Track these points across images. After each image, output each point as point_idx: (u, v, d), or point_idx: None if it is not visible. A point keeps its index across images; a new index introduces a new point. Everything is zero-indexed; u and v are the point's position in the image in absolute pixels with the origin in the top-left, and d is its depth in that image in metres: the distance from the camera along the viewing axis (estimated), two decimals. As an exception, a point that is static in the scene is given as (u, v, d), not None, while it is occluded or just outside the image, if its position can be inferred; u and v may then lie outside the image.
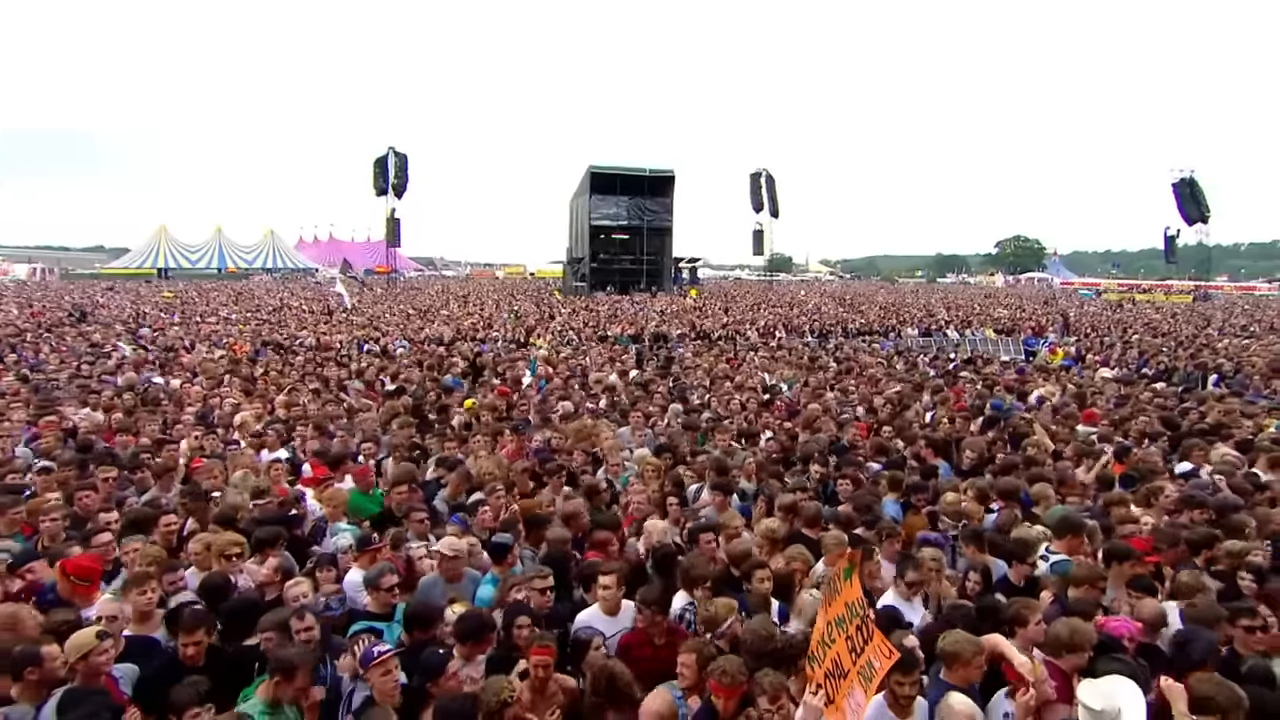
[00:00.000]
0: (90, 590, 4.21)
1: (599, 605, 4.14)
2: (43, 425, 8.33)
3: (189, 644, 3.68)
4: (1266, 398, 12.63)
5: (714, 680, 3.09)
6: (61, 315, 25.60)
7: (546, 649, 3.40)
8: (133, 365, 13.69)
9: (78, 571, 4.16)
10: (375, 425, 8.24)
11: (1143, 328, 24.35)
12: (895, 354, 16.84)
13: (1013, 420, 8.82)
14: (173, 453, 6.95)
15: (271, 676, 3.39)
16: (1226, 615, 3.81)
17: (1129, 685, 2.99)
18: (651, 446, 7.75)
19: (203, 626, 3.78)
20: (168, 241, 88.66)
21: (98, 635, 3.47)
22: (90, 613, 4.10)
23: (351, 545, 5.03)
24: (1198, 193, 43.87)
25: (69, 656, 3.42)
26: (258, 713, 3.32)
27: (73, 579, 4.15)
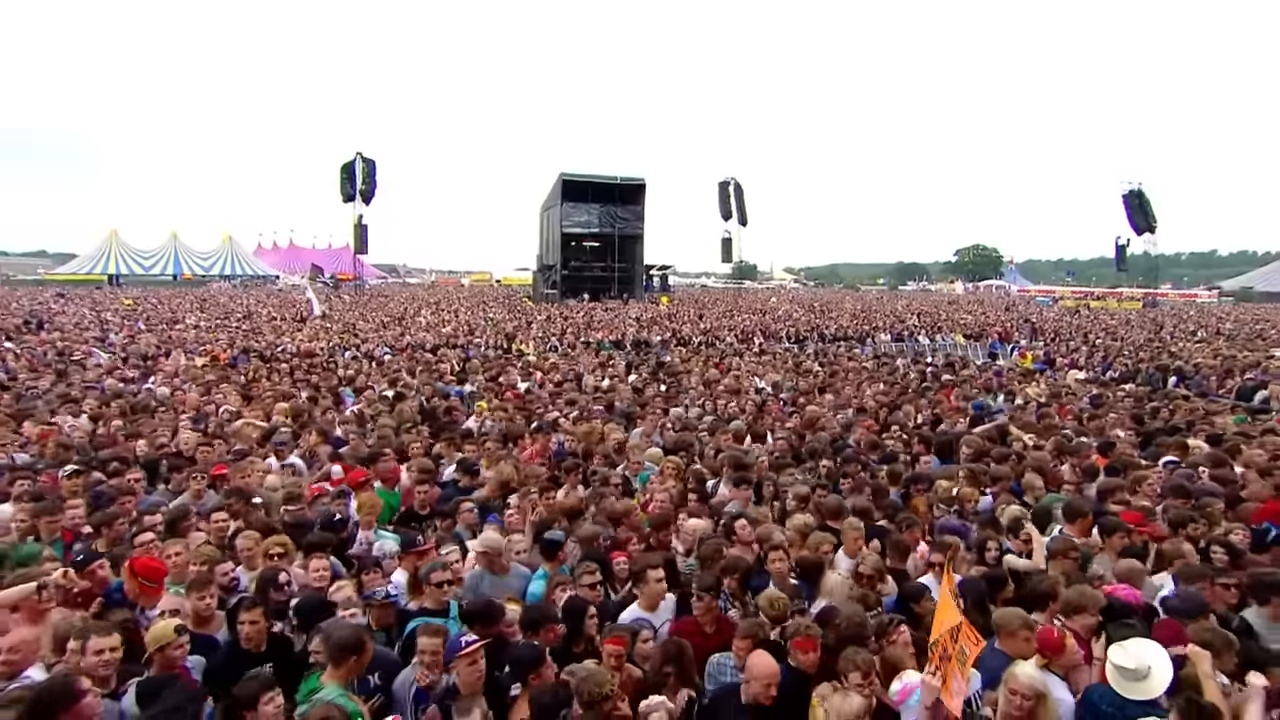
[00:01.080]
0: (157, 591, 4.25)
1: (640, 601, 4.31)
2: (41, 434, 8.17)
3: (247, 621, 3.78)
4: (1222, 397, 13.45)
5: (796, 638, 3.33)
6: (17, 323, 24.70)
7: (620, 638, 3.58)
8: (107, 372, 13.42)
9: (146, 572, 4.21)
10: (391, 429, 8.28)
11: (1102, 332, 25.44)
12: (875, 358, 17.36)
13: (1000, 420, 9.29)
14: (206, 453, 6.95)
15: (335, 658, 3.49)
16: (1211, 574, 4.42)
17: (1155, 647, 3.33)
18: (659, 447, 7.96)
19: (260, 607, 3.90)
20: (119, 246, 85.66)
21: (175, 630, 3.54)
22: (155, 612, 4.16)
23: (396, 550, 5.14)
24: (1145, 204, 45.98)
25: (148, 647, 3.50)
26: (335, 695, 3.41)
27: (141, 579, 4.18)
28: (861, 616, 3.77)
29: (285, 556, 4.74)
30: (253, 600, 3.95)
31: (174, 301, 40.14)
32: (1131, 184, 46.18)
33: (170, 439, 8.03)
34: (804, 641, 3.44)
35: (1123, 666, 3.28)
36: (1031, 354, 19.21)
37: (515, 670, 3.37)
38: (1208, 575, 4.40)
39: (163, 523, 5.12)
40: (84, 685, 3.03)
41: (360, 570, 4.77)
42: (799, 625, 3.52)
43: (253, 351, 17.71)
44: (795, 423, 9.13)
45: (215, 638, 4.12)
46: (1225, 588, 4.37)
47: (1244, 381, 14.48)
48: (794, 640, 3.46)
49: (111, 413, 9.58)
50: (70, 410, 9.49)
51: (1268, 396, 13.01)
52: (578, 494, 6.03)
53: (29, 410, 9.57)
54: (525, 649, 3.47)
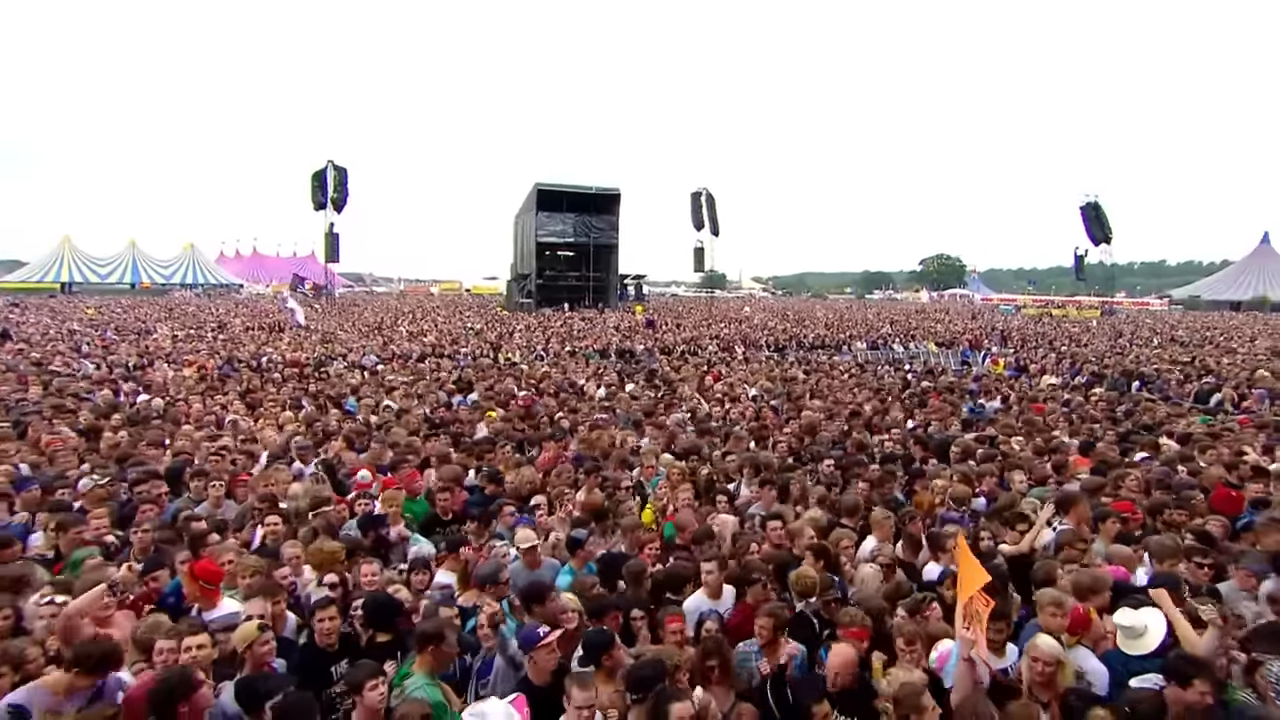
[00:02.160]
0: (215, 594, 4.41)
1: (703, 591, 4.61)
2: (49, 442, 8.16)
3: (325, 619, 4.00)
4: (1182, 400, 14.30)
5: (851, 627, 3.68)
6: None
7: (679, 617, 3.89)
8: (97, 384, 13.25)
9: (205, 575, 4.37)
10: (405, 438, 8.44)
11: (1067, 340, 26.52)
12: (857, 366, 17.95)
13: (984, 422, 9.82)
14: (218, 463, 7.03)
15: (422, 648, 3.74)
16: (1182, 549, 4.95)
17: (1153, 610, 3.89)
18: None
19: (334, 606, 4.13)
20: (72, 254, 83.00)
21: (259, 628, 3.74)
22: (213, 615, 4.32)
23: (432, 553, 5.37)
24: (1102, 216, 47.88)
25: (237, 646, 3.69)
26: (423, 685, 3.64)
27: (201, 583, 4.34)
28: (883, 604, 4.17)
29: (344, 563, 4.92)
30: (327, 600, 4.14)
31: (138, 310, 39.26)
32: (1089, 196, 48.07)
33: (191, 450, 8.04)
34: (859, 631, 3.80)
35: (1124, 626, 3.83)
36: (1003, 360, 20.00)
37: (590, 653, 3.66)
38: (1179, 551, 4.92)
39: (211, 530, 5.25)
40: (200, 677, 3.22)
41: (410, 570, 4.99)
42: (854, 615, 3.87)
43: (238, 362, 17.57)
44: (794, 427, 9.52)
45: (289, 638, 4.31)
46: (1199, 566, 4.85)
47: (1201, 385, 15.40)
48: (848, 630, 3.81)
49: (111, 424, 9.55)
50: (68, 422, 9.44)
51: (1222, 399, 13.89)
52: (598, 495, 6.30)
53: (24, 422, 9.50)
54: (597, 634, 3.74)
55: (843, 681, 3.39)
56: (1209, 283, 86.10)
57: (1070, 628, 3.82)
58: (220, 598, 4.44)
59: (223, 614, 4.29)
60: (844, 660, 3.44)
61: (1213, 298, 77.38)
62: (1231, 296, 75.04)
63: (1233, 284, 79.65)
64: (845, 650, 3.51)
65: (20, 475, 6.84)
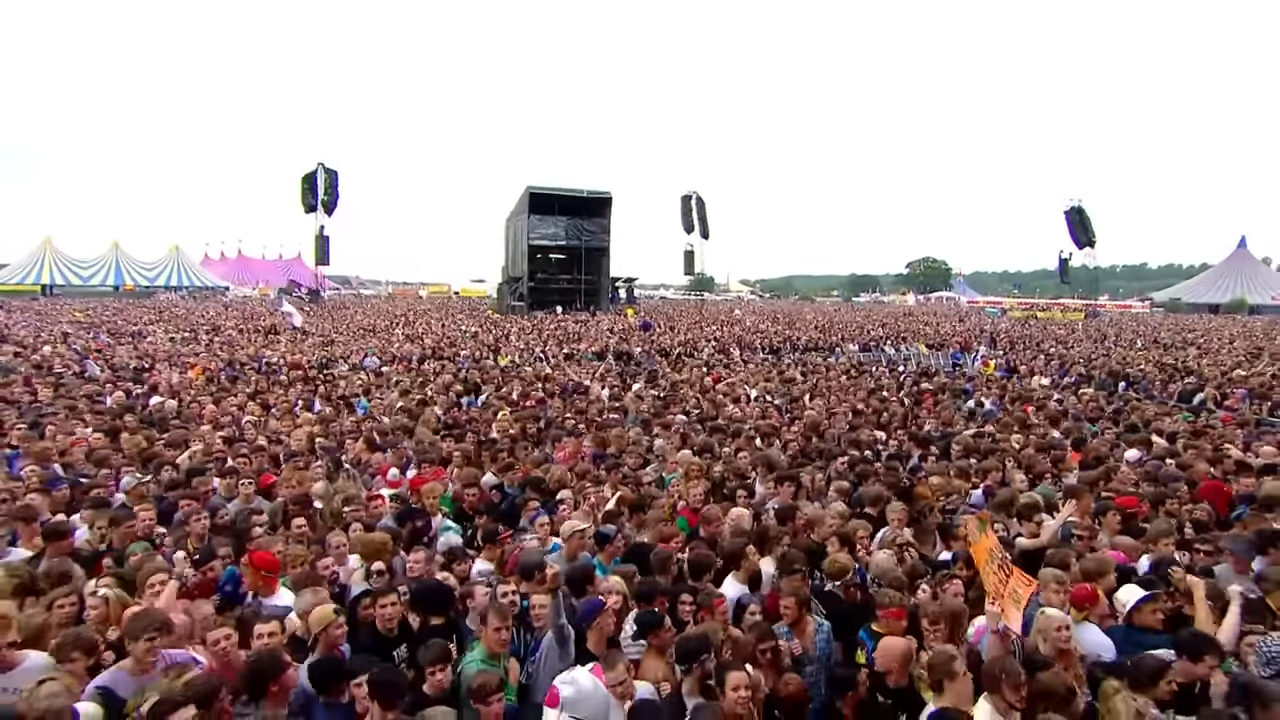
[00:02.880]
0: (273, 582, 4.64)
1: (737, 576, 4.92)
2: (74, 442, 8.32)
3: (388, 604, 4.24)
4: (1166, 400, 14.80)
5: (891, 608, 4.00)
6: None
7: (722, 599, 4.17)
8: (104, 385, 13.34)
9: (264, 564, 4.60)
10: (430, 436, 8.69)
11: (1054, 342, 27.10)
12: (852, 367, 18.33)
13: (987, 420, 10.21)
14: (245, 463, 7.23)
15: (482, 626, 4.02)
16: (1184, 538, 5.44)
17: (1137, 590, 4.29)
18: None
19: (395, 593, 4.36)
20: (53, 255, 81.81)
21: (334, 612, 3.98)
22: (271, 602, 4.55)
23: (459, 542, 5.63)
24: (1086, 220, 48.72)
25: (312, 628, 3.92)
26: (480, 660, 3.92)
27: (262, 571, 4.57)
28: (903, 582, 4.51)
29: (386, 550, 5.16)
30: (389, 587, 4.38)
31: (127, 313, 38.98)
32: (1072, 201, 48.94)
33: (223, 450, 8.23)
34: (898, 611, 4.12)
35: (1124, 602, 4.28)
36: (993, 362, 20.46)
37: (641, 629, 3.94)
38: (1172, 532, 5.41)
39: (266, 523, 5.48)
40: (287, 658, 3.46)
41: (450, 560, 5.23)
42: (894, 597, 4.19)
43: (239, 364, 17.66)
44: (800, 426, 9.84)
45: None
46: (1199, 551, 5.29)
47: (1184, 385, 15.91)
48: (888, 611, 4.12)
49: (129, 425, 9.69)
50: (90, 423, 9.58)
51: (1204, 399, 14.38)
52: (629, 491, 6.57)
53: (40, 423, 9.63)
54: (649, 614, 4.03)
55: (899, 678, 3.70)
56: (1189, 286, 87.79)
57: (1076, 602, 4.15)
58: (278, 586, 4.66)
59: (282, 602, 4.52)
60: (896, 653, 3.75)
61: (1193, 300, 78.94)
62: (1210, 299, 76.56)
63: (1212, 287, 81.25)
64: (895, 644, 3.80)
65: (54, 475, 6.99)
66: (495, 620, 3.94)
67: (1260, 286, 77.29)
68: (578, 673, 3.24)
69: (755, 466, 7.42)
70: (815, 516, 5.78)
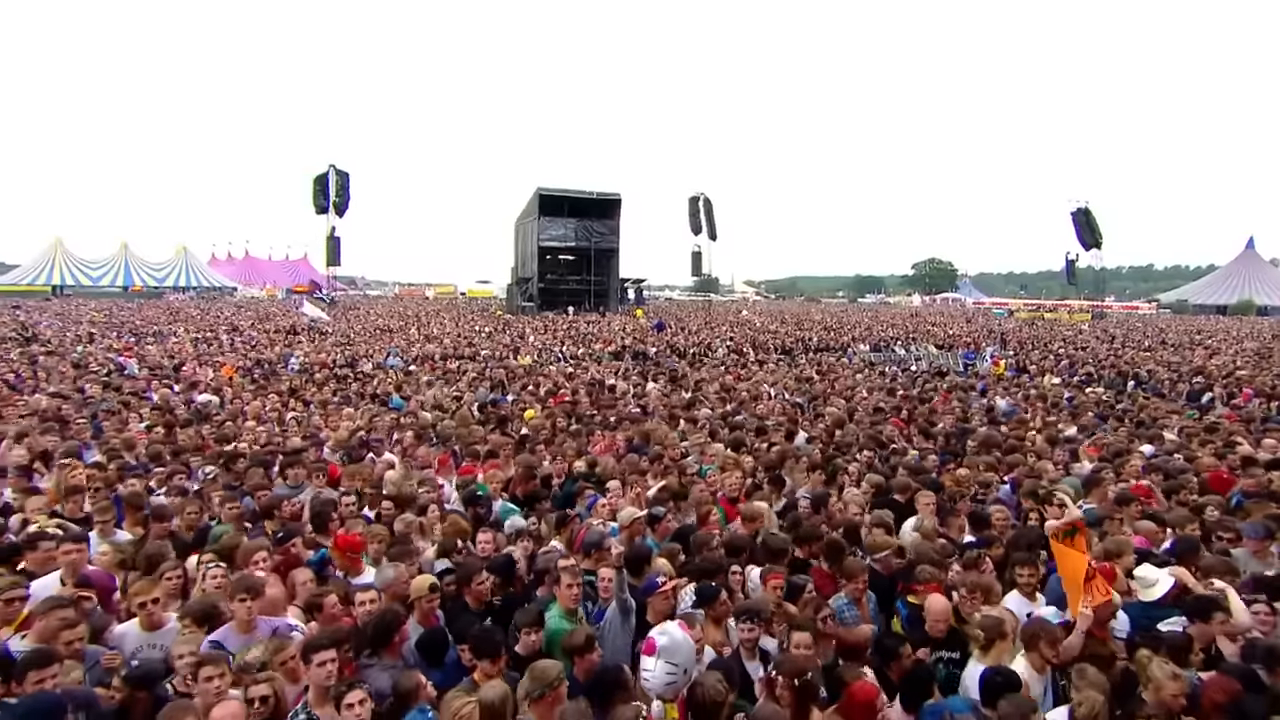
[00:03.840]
0: (359, 561, 5.07)
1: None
2: (138, 435, 8.79)
3: (482, 583, 4.65)
4: (1175, 399, 15.16)
5: (930, 582, 4.44)
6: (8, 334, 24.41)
7: (780, 574, 4.60)
8: (148, 382, 13.84)
9: (349, 545, 5.05)
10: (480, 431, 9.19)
11: (1062, 343, 27.44)
12: (866, 366, 18.74)
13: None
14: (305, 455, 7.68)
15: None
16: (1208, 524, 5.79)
17: (1160, 571, 4.65)
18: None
19: (484, 570, 4.79)
20: (64, 256, 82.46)
21: (430, 586, 4.40)
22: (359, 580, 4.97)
23: (524, 525, 6.07)
24: (1092, 221, 49.00)
25: (413, 595, 4.35)
26: (558, 616, 4.39)
27: (346, 553, 5.02)
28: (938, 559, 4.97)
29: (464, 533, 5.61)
30: (481, 565, 4.82)
31: (142, 314, 39.56)
32: (1079, 202, 49.22)
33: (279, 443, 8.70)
34: (935, 585, 4.55)
35: (1140, 576, 4.64)
36: (1004, 362, 20.83)
37: (700, 601, 4.36)
38: (1192, 520, 5.78)
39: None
40: (404, 615, 3.90)
41: (517, 539, 5.67)
42: (931, 573, 4.62)
43: (266, 364, 18.15)
44: (825, 422, 10.26)
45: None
46: (1221, 538, 5.65)
47: (1192, 385, 16.26)
48: (927, 585, 4.54)
49: (179, 420, 10.15)
50: (151, 418, 10.06)
51: (1213, 397, 14.74)
52: (675, 479, 7.03)
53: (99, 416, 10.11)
54: (705, 587, 4.45)
55: (941, 628, 4.17)
56: (1196, 287, 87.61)
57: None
58: (363, 565, 5.10)
59: (368, 579, 4.95)
60: (941, 609, 4.21)
61: (1200, 301, 78.85)
62: (1218, 300, 76.41)
63: (1219, 288, 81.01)
64: (940, 600, 4.27)
65: (130, 465, 7.44)
66: (567, 578, 4.43)
67: (1268, 287, 77.04)
68: (668, 625, 3.63)
69: (785, 459, 7.81)
70: (847, 499, 6.21)
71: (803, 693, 3.31)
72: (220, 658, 3.54)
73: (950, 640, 4.27)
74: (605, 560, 4.90)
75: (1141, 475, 7.42)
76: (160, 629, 4.28)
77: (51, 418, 9.62)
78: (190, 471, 7.34)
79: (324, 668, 3.51)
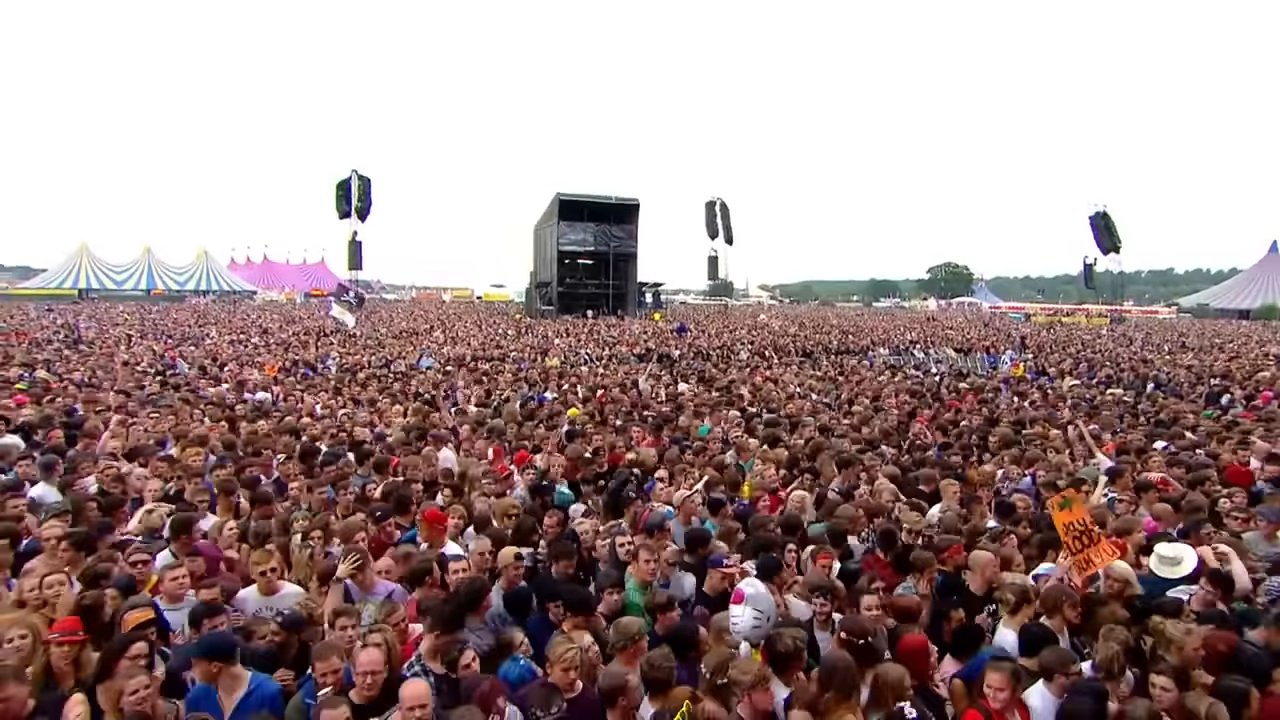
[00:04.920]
0: (443, 534, 5.63)
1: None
2: (212, 429, 9.43)
3: (564, 563, 5.19)
4: (1194, 400, 15.43)
5: (951, 546, 4.98)
6: (52, 336, 25.33)
7: (829, 554, 5.10)
8: (196, 381, 14.54)
9: (435, 520, 5.62)
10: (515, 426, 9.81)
11: (1081, 346, 27.66)
12: (888, 369, 19.15)
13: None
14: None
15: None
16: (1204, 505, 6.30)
17: (1186, 546, 5.04)
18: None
19: (571, 547, 5.35)
20: (90, 260, 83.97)
21: (515, 556, 4.93)
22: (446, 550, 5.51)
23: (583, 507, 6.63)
24: (1110, 225, 48.93)
25: (500, 565, 4.89)
26: (634, 588, 4.91)
27: (435, 526, 5.59)
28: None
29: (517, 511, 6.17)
30: (567, 546, 5.35)
31: (169, 316, 40.60)
32: (1097, 206, 49.15)
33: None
34: (956, 547, 5.10)
35: (1164, 555, 5.02)
36: (1023, 364, 21.14)
37: (763, 573, 4.85)
38: (1204, 506, 6.27)
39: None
40: (488, 583, 4.45)
41: (585, 518, 6.22)
42: (949, 538, 5.20)
43: (304, 364, 18.84)
44: (853, 420, 10.75)
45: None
46: (1237, 519, 6.12)
47: (1211, 388, 16.51)
48: (950, 549, 5.09)
49: (240, 415, 10.80)
50: (211, 414, 10.72)
51: (1232, 399, 15.00)
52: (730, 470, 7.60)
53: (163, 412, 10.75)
54: (769, 559, 4.94)
55: (990, 574, 4.76)
56: (1218, 291, 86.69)
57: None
58: (447, 538, 5.64)
59: (451, 551, 5.49)
60: (988, 562, 4.77)
61: (1221, 306, 78.00)
62: (1240, 305, 75.49)
63: (1242, 292, 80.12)
64: (986, 555, 4.82)
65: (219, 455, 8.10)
66: (645, 554, 4.97)
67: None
68: (753, 579, 4.14)
69: (819, 452, 8.29)
70: (877, 488, 6.75)
71: (865, 651, 3.78)
72: (353, 610, 4.11)
73: (984, 602, 4.76)
74: (665, 540, 5.45)
75: (1164, 469, 7.85)
76: (275, 594, 4.85)
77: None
78: (270, 462, 7.93)
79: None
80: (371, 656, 3.62)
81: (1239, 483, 7.18)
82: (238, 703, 3.61)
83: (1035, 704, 3.59)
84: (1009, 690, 3.50)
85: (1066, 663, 3.63)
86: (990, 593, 4.77)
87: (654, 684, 3.60)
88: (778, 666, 3.66)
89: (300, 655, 4.13)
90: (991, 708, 3.50)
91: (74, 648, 3.85)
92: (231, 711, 3.58)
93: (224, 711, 3.58)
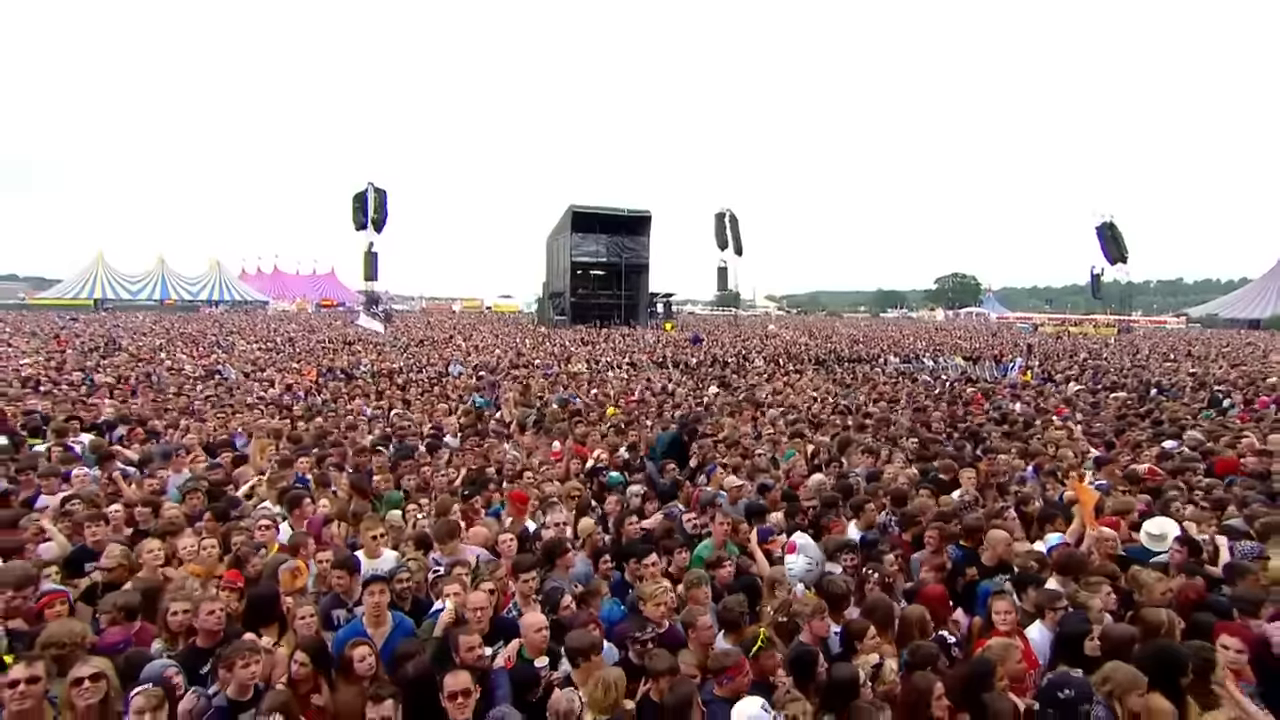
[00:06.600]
0: (525, 511, 6.42)
1: (859, 524, 6.60)
2: (280, 425, 10.25)
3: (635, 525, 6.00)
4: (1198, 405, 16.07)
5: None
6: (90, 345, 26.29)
7: (840, 523, 5.88)
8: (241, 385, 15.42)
9: (518, 499, 6.42)
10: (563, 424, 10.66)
11: (1087, 355, 28.32)
12: (901, 375, 19.91)
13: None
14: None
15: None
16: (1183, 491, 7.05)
17: (1171, 522, 5.79)
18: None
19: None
20: (105, 271, 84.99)
21: (596, 522, 5.72)
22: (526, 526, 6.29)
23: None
24: (1118, 235, 49.19)
25: (583, 535, 5.68)
26: (708, 545, 5.67)
27: (517, 504, 6.38)
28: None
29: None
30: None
31: (191, 326, 41.69)
32: (1104, 216, 49.41)
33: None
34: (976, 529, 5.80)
35: (1150, 533, 5.77)
36: (1030, 372, 21.84)
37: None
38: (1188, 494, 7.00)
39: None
40: (568, 545, 5.27)
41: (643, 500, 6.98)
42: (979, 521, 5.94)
43: (339, 371, 19.70)
44: (870, 420, 11.53)
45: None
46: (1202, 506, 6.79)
47: (1213, 393, 17.15)
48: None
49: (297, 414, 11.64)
50: (270, 414, 11.57)
51: (1232, 403, 15.64)
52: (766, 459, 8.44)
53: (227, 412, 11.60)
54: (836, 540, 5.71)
55: (1002, 550, 5.44)
56: (1227, 300, 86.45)
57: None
58: (527, 515, 6.43)
59: (533, 526, 6.27)
60: (1002, 539, 5.50)
61: (1231, 315, 77.79)
62: (1250, 314, 75.28)
63: (1252, 301, 79.77)
64: (1000, 533, 5.56)
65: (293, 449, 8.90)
66: (720, 517, 5.74)
67: (1303, 302, 75.76)
68: (800, 534, 4.93)
69: (846, 446, 9.06)
70: (896, 473, 7.56)
71: (888, 589, 4.55)
72: (464, 563, 4.91)
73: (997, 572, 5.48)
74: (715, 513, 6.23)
75: (1156, 462, 8.57)
76: (378, 557, 5.55)
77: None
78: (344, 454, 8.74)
79: (528, 583, 4.82)
80: (481, 599, 4.40)
81: (1227, 473, 7.92)
82: (387, 635, 4.38)
83: (1034, 636, 4.39)
84: (1013, 612, 4.34)
85: (1054, 600, 4.42)
86: (1001, 564, 5.51)
87: (728, 624, 4.37)
88: (831, 604, 4.42)
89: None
90: (999, 631, 4.26)
91: (234, 594, 4.68)
92: (383, 642, 4.33)
93: (376, 642, 4.35)
